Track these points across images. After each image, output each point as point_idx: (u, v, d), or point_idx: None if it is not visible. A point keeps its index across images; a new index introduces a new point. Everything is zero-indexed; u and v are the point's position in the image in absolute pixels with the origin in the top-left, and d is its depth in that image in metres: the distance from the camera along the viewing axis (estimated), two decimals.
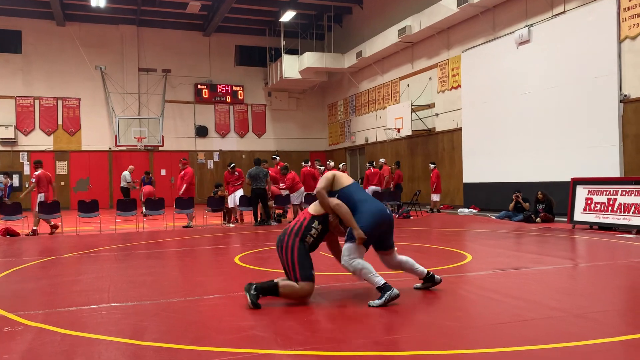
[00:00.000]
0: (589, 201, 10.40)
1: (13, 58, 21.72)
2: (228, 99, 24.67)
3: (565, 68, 12.75)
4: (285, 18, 20.84)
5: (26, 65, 21.85)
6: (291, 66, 22.68)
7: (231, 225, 12.98)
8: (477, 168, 15.69)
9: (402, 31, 17.65)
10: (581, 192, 10.65)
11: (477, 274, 5.76)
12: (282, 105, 25.77)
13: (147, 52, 23.31)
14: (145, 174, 18.11)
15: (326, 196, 4.63)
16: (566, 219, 10.95)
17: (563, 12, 12.93)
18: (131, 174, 17.88)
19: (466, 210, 15.20)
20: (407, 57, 19.15)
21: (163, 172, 22.97)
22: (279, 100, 25.68)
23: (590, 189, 10.49)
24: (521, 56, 13.98)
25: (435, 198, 15.92)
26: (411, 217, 14.44)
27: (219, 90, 24.48)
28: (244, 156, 24.52)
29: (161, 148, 23.02)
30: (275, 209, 13.67)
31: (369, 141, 22.01)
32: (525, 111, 13.90)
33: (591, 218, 10.31)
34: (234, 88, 24.74)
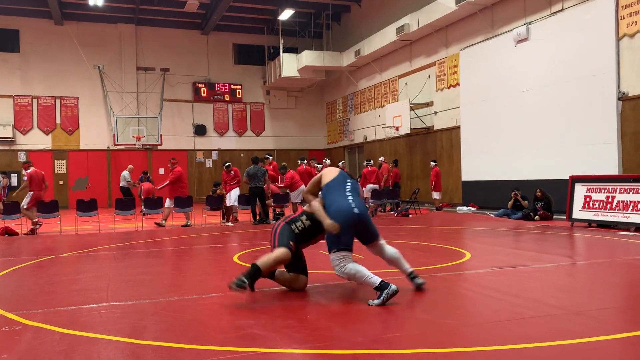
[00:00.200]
0: (588, 199, 10.41)
1: (11, 57, 21.69)
2: (226, 98, 24.65)
3: (563, 66, 12.75)
4: (283, 16, 20.83)
5: (24, 64, 21.82)
6: (290, 65, 22.68)
7: (230, 224, 12.97)
8: (476, 166, 15.70)
9: (401, 29, 17.64)
10: (580, 190, 10.66)
11: (476, 272, 5.76)
12: (281, 103, 25.77)
13: (146, 51, 23.28)
14: (142, 174, 18.10)
15: (309, 199, 4.88)
16: (565, 217, 10.96)
17: (561, 10, 12.93)
18: (130, 174, 17.87)
19: (465, 208, 15.22)
20: (406, 56, 19.14)
21: (162, 171, 22.93)
22: (278, 98, 25.67)
23: (588, 187, 10.50)
24: (519, 54, 13.99)
25: (435, 196, 15.91)
26: (410, 215, 14.45)
27: (218, 88, 24.46)
28: (243, 155, 24.52)
29: (160, 147, 22.99)
30: (274, 208, 13.67)
31: (368, 139, 22.01)
32: (523, 109, 13.91)
33: (590, 216, 10.32)
34: (233, 87, 24.72)
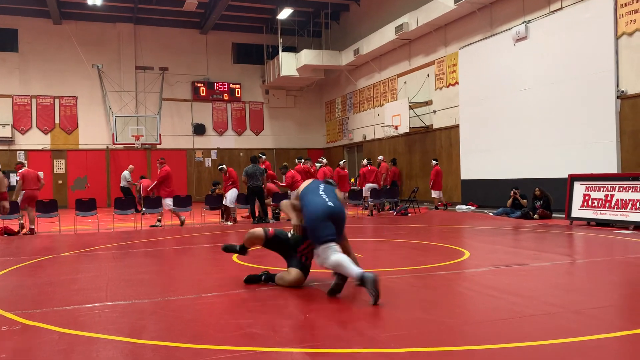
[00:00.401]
0: (587, 197, 10.42)
1: (10, 57, 21.66)
2: (225, 97, 24.63)
3: (562, 64, 12.76)
4: (282, 15, 20.81)
5: (23, 63, 21.79)
6: (288, 64, 22.67)
7: (229, 223, 12.98)
8: (475, 165, 15.70)
9: (400, 28, 17.64)
10: (579, 189, 10.67)
11: (475, 271, 5.76)
12: (280, 102, 25.76)
13: (144, 50, 23.26)
14: (141, 178, 18.04)
15: (296, 207, 5.18)
16: (564, 216, 10.97)
17: (560, 9, 12.93)
18: (131, 174, 17.84)
19: (464, 207, 15.22)
20: (405, 54, 19.14)
21: None
22: (277, 97, 25.66)
23: (587, 185, 10.50)
24: (518, 53, 13.99)
25: (434, 195, 15.84)
26: (409, 214, 14.46)
27: (217, 88, 24.44)
28: (242, 154, 24.51)
29: (159, 146, 22.96)
30: (273, 207, 13.66)
31: (367, 138, 22.00)
32: (522, 108, 13.91)
33: (589, 214, 10.33)
34: (232, 86, 24.70)
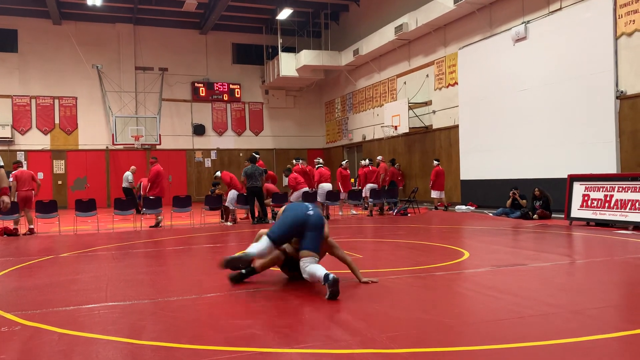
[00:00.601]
0: (586, 198, 10.43)
1: (9, 57, 21.65)
2: (225, 97, 24.63)
3: (561, 65, 12.76)
4: (282, 16, 20.82)
5: (22, 64, 21.79)
6: (288, 64, 22.67)
7: (229, 223, 12.99)
8: (474, 165, 15.70)
9: (399, 28, 17.64)
10: (578, 189, 10.67)
11: (475, 271, 5.77)
12: (280, 103, 25.76)
13: (144, 51, 23.26)
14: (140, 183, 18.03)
15: None
16: (563, 216, 10.97)
17: (559, 9, 12.94)
18: (133, 174, 17.82)
19: (464, 207, 15.21)
20: (404, 55, 19.15)
21: None
22: (276, 98, 25.66)
23: (587, 186, 10.51)
24: (518, 53, 13.99)
25: (433, 195, 15.75)
26: (409, 215, 14.46)
27: (216, 88, 24.44)
28: (242, 154, 24.49)
29: (158, 147, 22.95)
30: (272, 207, 13.66)
31: (367, 139, 22.01)
32: (521, 108, 13.92)
33: (588, 214, 10.33)
34: (231, 86, 24.70)
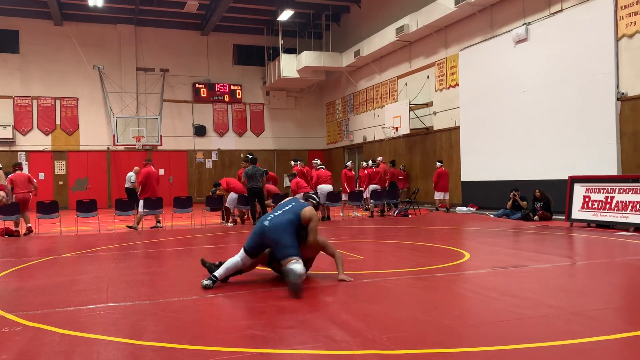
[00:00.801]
0: (587, 199, 10.42)
1: (11, 58, 21.68)
2: (226, 98, 24.64)
3: (562, 66, 12.76)
4: (283, 17, 20.83)
5: (24, 65, 21.81)
6: (289, 65, 22.68)
7: (229, 224, 12.99)
8: (475, 166, 15.69)
9: (400, 30, 17.65)
10: (579, 190, 10.67)
11: (475, 272, 5.77)
12: (281, 104, 25.77)
13: (145, 52, 23.28)
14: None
15: None
16: (564, 217, 10.97)
17: (560, 11, 12.94)
18: (136, 175, 17.80)
19: (464, 208, 15.20)
20: (405, 56, 19.15)
21: (162, 172, 22.92)
22: (277, 99, 25.68)
23: (587, 187, 10.50)
24: (519, 54, 13.99)
25: (436, 196, 15.63)
26: (409, 216, 14.46)
27: (217, 89, 24.46)
28: (243, 155, 24.44)
29: (159, 147, 22.98)
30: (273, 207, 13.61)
31: (367, 140, 22.01)
32: (522, 109, 13.91)
33: (589, 216, 10.33)
34: (232, 87, 24.71)
